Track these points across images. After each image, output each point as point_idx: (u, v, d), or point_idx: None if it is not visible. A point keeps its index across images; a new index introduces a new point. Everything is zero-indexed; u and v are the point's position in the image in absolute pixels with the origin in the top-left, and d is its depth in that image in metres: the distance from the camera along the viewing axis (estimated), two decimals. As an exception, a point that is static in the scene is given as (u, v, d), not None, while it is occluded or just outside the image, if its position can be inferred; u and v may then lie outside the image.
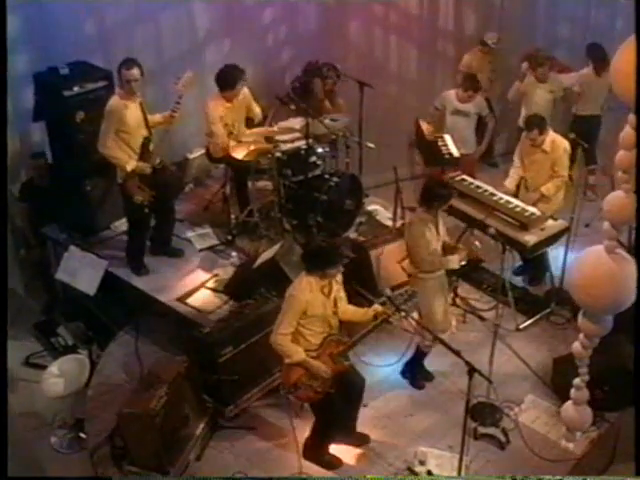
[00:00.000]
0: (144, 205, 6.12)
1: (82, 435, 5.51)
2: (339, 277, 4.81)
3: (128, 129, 5.96)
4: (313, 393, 4.78)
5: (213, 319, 5.83)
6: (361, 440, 5.28)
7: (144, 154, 6.07)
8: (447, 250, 5.45)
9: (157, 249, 6.67)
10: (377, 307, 4.83)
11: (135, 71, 5.86)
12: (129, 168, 6.01)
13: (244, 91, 6.80)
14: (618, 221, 4.18)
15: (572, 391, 4.86)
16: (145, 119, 6.07)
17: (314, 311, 4.65)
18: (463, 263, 5.50)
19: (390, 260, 6.40)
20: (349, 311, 4.89)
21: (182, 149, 7.50)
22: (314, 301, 4.64)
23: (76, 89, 6.31)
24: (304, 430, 5.19)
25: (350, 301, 4.99)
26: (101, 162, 6.13)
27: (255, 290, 5.81)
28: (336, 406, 4.91)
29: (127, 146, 6.02)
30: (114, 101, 5.94)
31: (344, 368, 4.84)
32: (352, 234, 6.91)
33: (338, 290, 4.80)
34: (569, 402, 4.96)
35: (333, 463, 5.14)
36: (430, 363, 5.90)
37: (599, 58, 7.52)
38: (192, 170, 7.61)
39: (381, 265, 6.41)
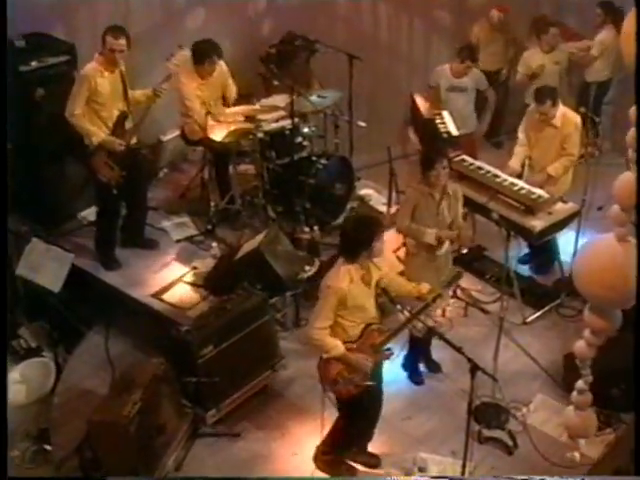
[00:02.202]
0: (111, 185, 6.05)
1: (47, 447, 5.44)
2: (381, 259, 4.76)
3: (101, 99, 5.92)
4: (354, 388, 4.76)
5: (192, 316, 5.83)
6: (371, 460, 5.22)
7: (117, 130, 6.03)
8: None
9: (129, 240, 6.68)
10: (424, 286, 4.83)
11: (122, 41, 5.81)
12: (95, 140, 5.96)
13: (221, 67, 6.78)
14: (629, 204, 4.08)
15: (573, 394, 4.74)
16: (125, 92, 6.00)
17: (355, 302, 4.62)
18: (465, 250, 5.40)
19: (385, 249, 6.28)
20: (394, 284, 4.88)
21: (155, 130, 7.52)
22: (355, 291, 4.61)
23: (34, 64, 6.26)
24: (298, 436, 5.22)
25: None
26: (66, 144, 6.06)
27: (237, 284, 5.80)
28: (366, 405, 4.89)
29: (98, 118, 5.97)
30: (90, 66, 5.90)
31: (385, 358, 4.84)
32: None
33: (380, 274, 4.76)
34: (570, 407, 4.86)
35: (349, 473, 5.13)
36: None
37: (618, 13, 7.48)
38: (166, 153, 7.64)
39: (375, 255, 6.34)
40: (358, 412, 4.91)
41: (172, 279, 6.35)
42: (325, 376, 4.76)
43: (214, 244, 6.70)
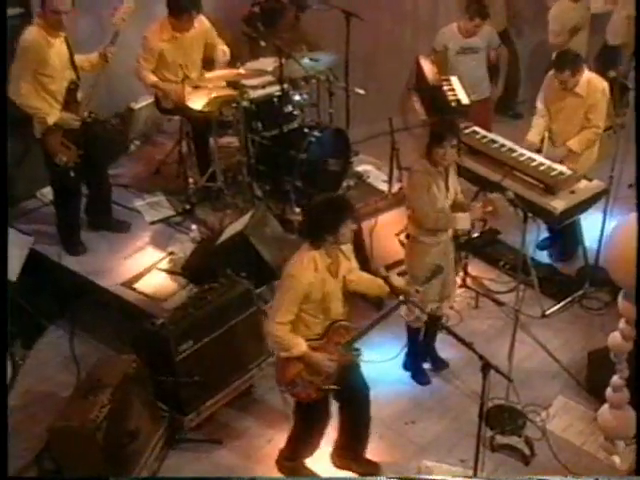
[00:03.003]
0: (69, 167, 6.06)
1: (2, 456, 5.43)
2: (348, 248, 4.80)
3: (50, 71, 5.85)
4: (314, 391, 4.79)
5: (168, 308, 5.83)
6: (369, 468, 5.24)
7: (70, 103, 6.00)
8: (457, 209, 5.46)
9: (96, 222, 6.71)
10: (397, 280, 4.83)
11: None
12: (51, 121, 5.93)
13: (201, 24, 6.74)
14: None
15: (608, 391, 4.87)
16: (71, 59, 5.96)
17: (320, 294, 4.64)
18: (476, 234, 5.41)
19: (385, 233, 6.45)
20: (363, 281, 4.88)
21: (125, 97, 7.50)
22: (319, 282, 4.62)
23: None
24: (280, 442, 5.21)
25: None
26: (16, 114, 5.99)
27: (220, 271, 5.80)
28: (321, 410, 4.92)
29: (47, 93, 5.92)
30: (33, 34, 5.76)
31: (351, 360, 4.85)
32: None
33: (348, 264, 4.79)
34: (605, 406, 4.96)
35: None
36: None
37: None
38: (138, 124, 7.61)
39: (374, 239, 6.45)
40: (316, 417, 4.92)
41: (145, 266, 6.35)
42: (282, 377, 4.77)
43: (193, 226, 6.69)
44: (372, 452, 5.30)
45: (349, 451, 5.22)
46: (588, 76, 6.37)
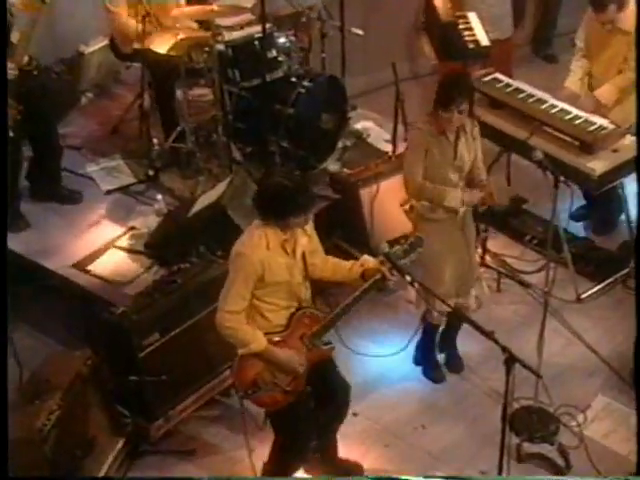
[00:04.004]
0: (6, 126, 5.96)
1: None
2: (309, 226, 4.83)
3: None
4: (281, 394, 4.79)
5: (130, 293, 5.84)
6: (347, 471, 5.28)
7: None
8: (470, 183, 5.47)
9: (40, 192, 6.71)
10: (367, 260, 4.84)
11: None
12: None
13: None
14: None
15: None
16: None
17: (274, 277, 4.65)
18: (466, 206, 5.42)
19: (388, 202, 6.41)
20: (329, 266, 4.92)
21: (72, 39, 7.46)
22: (273, 262, 4.64)
23: None
24: (263, 456, 5.21)
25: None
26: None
27: (191, 249, 5.84)
28: (303, 413, 4.94)
29: None
30: None
31: (323, 355, 4.86)
32: (332, 165, 6.94)
33: (309, 243, 4.83)
34: None
35: None
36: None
37: None
38: (90, 71, 7.60)
39: (375, 210, 6.47)
40: (294, 420, 4.93)
41: (101, 244, 6.34)
42: (241, 379, 4.79)
43: (158, 196, 6.68)
44: (376, 463, 5.35)
45: (323, 454, 5.25)
46: (634, 9, 6.32)
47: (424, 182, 5.31)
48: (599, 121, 6.18)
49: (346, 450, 5.32)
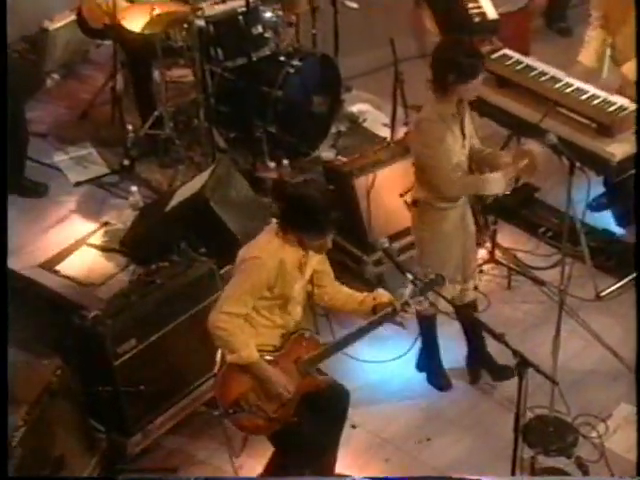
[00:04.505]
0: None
1: None
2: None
3: None
4: (264, 421, 4.82)
5: (103, 296, 5.80)
6: None
7: None
8: (483, 162, 5.46)
9: None
10: (381, 294, 4.88)
11: None
12: None
13: None
14: None
15: None
16: None
17: (283, 290, 4.71)
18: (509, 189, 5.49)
19: (387, 192, 6.46)
20: (340, 296, 4.97)
21: (36, 15, 7.53)
22: (287, 277, 4.68)
23: None
24: (253, 471, 5.25)
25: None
26: None
27: (171, 246, 5.86)
28: (307, 430, 4.94)
29: None
30: None
31: (317, 386, 4.90)
32: (325, 152, 7.05)
33: (319, 263, 4.88)
34: None
35: None
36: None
37: None
38: (56, 50, 7.63)
39: (373, 201, 6.46)
40: (297, 437, 4.94)
41: (71, 241, 6.31)
42: (224, 395, 4.79)
43: (134, 188, 6.68)
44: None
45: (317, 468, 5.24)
46: None
47: (462, 176, 5.32)
48: (619, 101, 6.16)
49: (343, 465, 5.31)
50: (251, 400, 4.76)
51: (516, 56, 6.65)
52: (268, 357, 4.74)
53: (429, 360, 5.92)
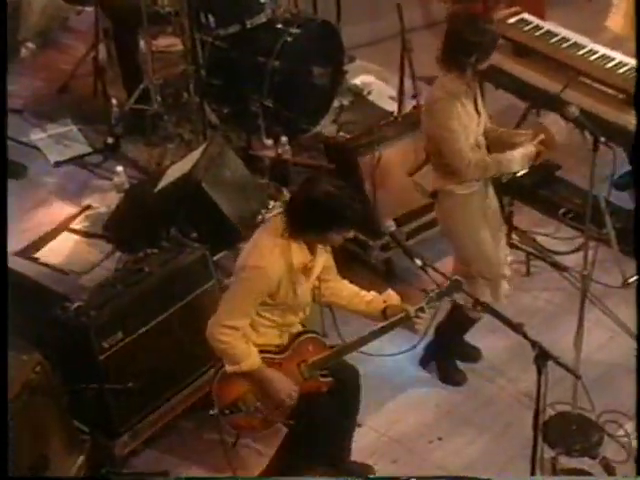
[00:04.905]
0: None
1: None
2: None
3: None
4: (259, 422, 4.89)
5: (87, 285, 5.82)
6: (359, 473, 5.31)
7: None
8: (498, 142, 5.46)
9: None
10: (391, 296, 4.94)
11: None
12: None
13: None
14: None
15: None
16: None
17: (285, 297, 4.75)
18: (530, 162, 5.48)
19: (394, 171, 6.42)
20: (345, 294, 5.01)
21: None
22: (290, 283, 4.73)
23: None
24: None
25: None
26: None
27: (159, 232, 5.89)
28: (323, 412, 4.99)
29: None
30: None
31: (319, 388, 4.95)
32: (327, 128, 7.05)
33: (326, 260, 4.92)
34: None
35: None
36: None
37: None
38: (31, 17, 7.63)
39: (378, 181, 6.44)
40: (315, 416, 4.96)
41: (51, 226, 6.35)
42: (219, 396, 4.86)
43: (119, 168, 6.69)
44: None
45: (336, 460, 5.34)
46: None
47: (482, 157, 5.30)
48: (649, 69, 6.21)
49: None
50: (249, 401, 4.83)
51: (535, 21, 6.66)
52: (271, 359, 4.80)
53: (441, 355, 5.89)
